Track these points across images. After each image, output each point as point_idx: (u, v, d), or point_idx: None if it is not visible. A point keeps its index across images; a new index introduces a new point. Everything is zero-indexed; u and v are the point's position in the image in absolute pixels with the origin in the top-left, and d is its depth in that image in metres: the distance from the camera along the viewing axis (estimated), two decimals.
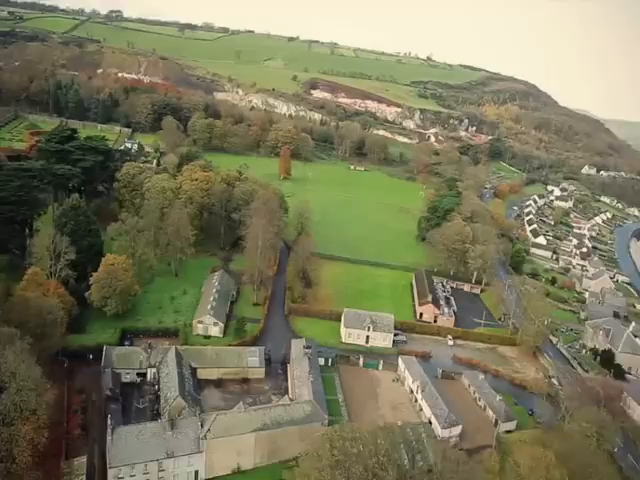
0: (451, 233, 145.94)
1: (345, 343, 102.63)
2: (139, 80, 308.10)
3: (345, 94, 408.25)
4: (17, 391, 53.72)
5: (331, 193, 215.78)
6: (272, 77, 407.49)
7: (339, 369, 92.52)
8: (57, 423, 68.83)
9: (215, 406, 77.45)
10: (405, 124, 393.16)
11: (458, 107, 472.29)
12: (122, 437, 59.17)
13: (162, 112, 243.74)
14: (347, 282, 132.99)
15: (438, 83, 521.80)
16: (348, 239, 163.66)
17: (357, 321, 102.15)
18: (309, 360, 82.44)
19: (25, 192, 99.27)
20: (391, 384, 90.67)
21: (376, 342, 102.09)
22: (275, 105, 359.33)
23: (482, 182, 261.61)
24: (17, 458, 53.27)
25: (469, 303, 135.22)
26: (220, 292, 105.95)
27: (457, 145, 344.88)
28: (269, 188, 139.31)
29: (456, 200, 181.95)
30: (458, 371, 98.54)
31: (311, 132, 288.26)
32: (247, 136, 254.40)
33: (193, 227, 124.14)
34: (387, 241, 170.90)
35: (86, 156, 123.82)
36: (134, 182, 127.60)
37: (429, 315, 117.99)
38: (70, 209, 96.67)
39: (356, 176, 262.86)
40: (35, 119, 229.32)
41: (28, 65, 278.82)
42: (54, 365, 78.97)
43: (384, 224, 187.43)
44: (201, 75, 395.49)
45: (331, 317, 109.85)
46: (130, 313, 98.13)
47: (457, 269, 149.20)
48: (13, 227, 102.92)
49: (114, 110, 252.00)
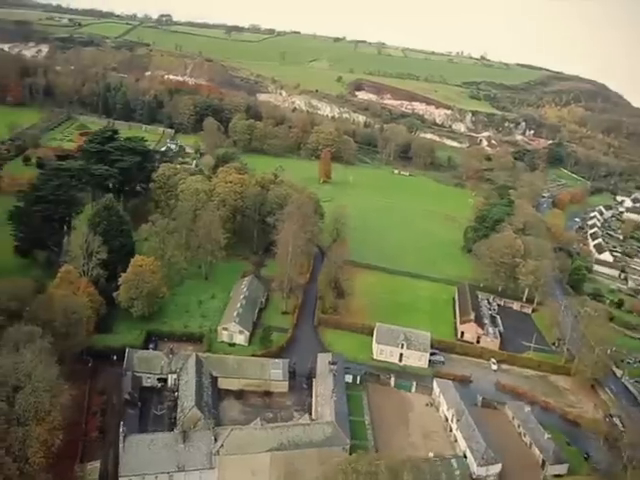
0: (500, 245, 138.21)
1: (376, 360, 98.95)
2: (184, 82, 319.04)
3: (391, 95, 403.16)
4: (31, 392, 54.95)
5: (372, 198, 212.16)
6: (316, 78, 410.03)
7: (368, 388, 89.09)
8: (75, 424, 70.40)
9: (234, 419, 76.54)
10: (455, 127, 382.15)
11: (514, 109, 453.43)
12: (134, 445, 59.22)
13: (204, 113, 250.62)
14: (383, 293, 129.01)
15: (492, 83, 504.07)
16: (387, 247, 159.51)
17: (390, 337, 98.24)
18: (334, 377, 79.77)
19: (63, 191, 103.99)
20: (424, 409, 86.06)
21: (410, 361, 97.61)
22: (318, 107, 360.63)
23: (539, 190, 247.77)
24: (30, 459, 54.34)
25: (518, 324, 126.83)
26: (248, 299, 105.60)
27: (512, 150, 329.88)
28: (304, 192, 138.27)
29: (507, 210, 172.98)
30: (501, 400, 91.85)
31: (354, 135, 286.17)
32: (288, 138, 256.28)
33: (225, 230, 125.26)
34: (429, 251, 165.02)
35: (124, 157, 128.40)
36: (169, 183, 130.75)
37: (471, 335, 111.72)
38: (103, 209, 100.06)
39: (400, 181, 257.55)
40: (85, 120, 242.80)
41: (81, 69, 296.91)
42: (78, 364, 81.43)
43: (427, 233, 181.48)
44: (245, 76, 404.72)
45: (363, 331, 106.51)
46: (157, 315, 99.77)
47: (506, 285, 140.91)
48: (52, 225, 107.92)
49: (158, 111, 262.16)
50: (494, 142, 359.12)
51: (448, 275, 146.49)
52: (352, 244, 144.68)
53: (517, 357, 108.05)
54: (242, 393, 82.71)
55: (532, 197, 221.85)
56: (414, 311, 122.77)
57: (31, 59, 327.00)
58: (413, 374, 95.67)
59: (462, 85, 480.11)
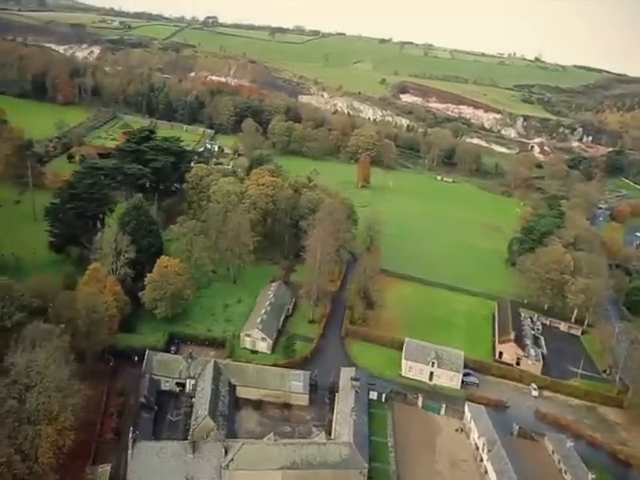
0: (547, 260, 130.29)
1: (405, 377, 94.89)
2: (225, 83, 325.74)
3: (437, 98, 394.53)
4: (41, 392, 55.63)
5: (412, 205, 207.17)
6: (359, 80, 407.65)
7: (393, 407, 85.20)
8: (91, 424, 71.10)
9: (250, 430, 75.16)
10: (504, 132, 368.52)
11: (570, 114, 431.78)
12: (142, 452, 58.82)
13: (244, 114, 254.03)
14: (417, 306, 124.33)
15: (547, 86, 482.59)
16: (425, 257, 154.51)
17: (420, 354, 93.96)
18: (356, 394, 76.73)
19: (97, 190, 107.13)
20: (453, 434, 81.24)
21: (441, 381, 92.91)
22: (360, 109, 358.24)
23: (594, 201, 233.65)
24: (39, 458, 54.94)
25: (565, 346, 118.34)
26: (274, 305, 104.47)
27: (566, 157, 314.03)
28: (337, 197, 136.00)
29: (557, 221, 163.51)
30: (540, 431, 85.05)
31: (396, 138, 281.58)
32: (327, 141, 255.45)
33: (256, 233, 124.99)
34: (470, 262, 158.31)
35: (158, 157, 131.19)
36: (202, 184, 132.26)
37: (510, 356, 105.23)
38: (132, 208, 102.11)
39: (443, 187, 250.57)
40: (129, 119, 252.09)
41: (128, 69, 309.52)
42: (99, 363, 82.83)
43: (469, 243, 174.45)
44: (288, 78, 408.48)
45: (392, 345, 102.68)
46: (181, 317, 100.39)
47: (553, 303, 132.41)
48: (85, 222, 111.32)
49: (199, 112, 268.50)
50: (547, 149, 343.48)
51: (489, 289, 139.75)
52: (388, 252, 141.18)
53: (562, 384, 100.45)
54: (261, 403, 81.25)
55: (586, 208, 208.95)
56: (449, 327, 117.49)
57: (82, 60, 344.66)
58: (443, 395, 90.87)
59: (514, 88, 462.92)
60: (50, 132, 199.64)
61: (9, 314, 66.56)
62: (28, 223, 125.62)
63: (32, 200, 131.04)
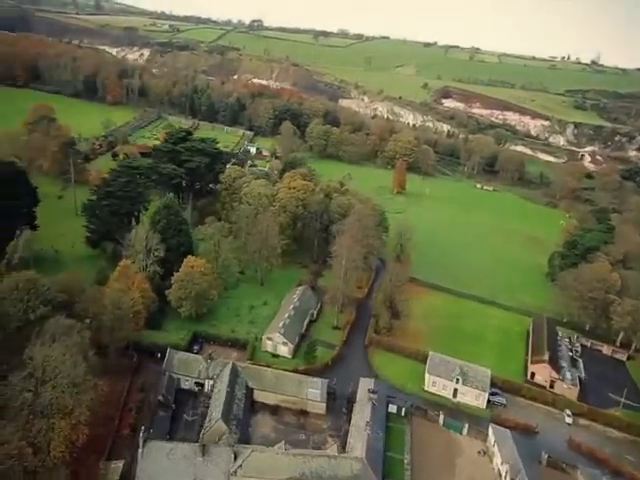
0: (590, 277, 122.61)
1: (427, 392, 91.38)
2: (266, 86, 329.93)
3: (481, 104, 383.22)
4: (54, 387, 56.86)
5: (449, 213, 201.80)
6: (401, 84, 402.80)
7: (413, 422, 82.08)
8: (110, 418, 72.58)
9: (264, 435, 74.53)
10: (552, 140, 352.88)
11: (629, 121, 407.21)
12: (153, 452, 59.22)
13: (283, 117, 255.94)
14: (446, 318, 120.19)
15: (603, 92, 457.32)
16: (458, 267, 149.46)
17: (444, 369, 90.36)
18: (373, 407, 74.47)
19: (131, 188, 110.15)
20: (475, 457, 77.25)
21: (466, 399, 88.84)
22: (400, 114, 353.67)
23: None
24: (52, 452, 56.09)
25: (607, 371, 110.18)
26: (298, 310, 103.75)
27: (620, 167, 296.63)
28: (368, 203, 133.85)
29: (605, 236, 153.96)
30: (573, 462, 78.97)
31: (435, 144, 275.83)
32: (364, 145, 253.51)
33: (285, 236, 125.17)
34: (507, 275, 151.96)
35: (193, 157, 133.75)
36: (234, 185, 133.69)
37: (544, 377, 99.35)
38: (163, 208, 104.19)
39: (483, 196, 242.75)
40: (173, 120, 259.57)
41: (174, 71, 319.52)
42: (123, 358, 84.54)
43: (507, 255, 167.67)
44: (329, 81, 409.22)
45: (417, 357, 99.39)
46: (206, 317, 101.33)
47: (595, 324, 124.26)
48: (121, 219, 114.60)
49: (240, 114, 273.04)
50: (599, 158, 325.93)
51: (525, 304, 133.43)
52: (419, 260, 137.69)
53: (600, 412, 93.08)
54: (277, 409, 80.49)
55: None
56: (479, 342, 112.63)
57: (130, 62, 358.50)
58: (467, 414, 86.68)
59: (565, 94, 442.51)
60: (97, 131, 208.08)
61: (33, 307, 68.94)
62: (69, 218, 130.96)
63: (74, 196, 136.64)
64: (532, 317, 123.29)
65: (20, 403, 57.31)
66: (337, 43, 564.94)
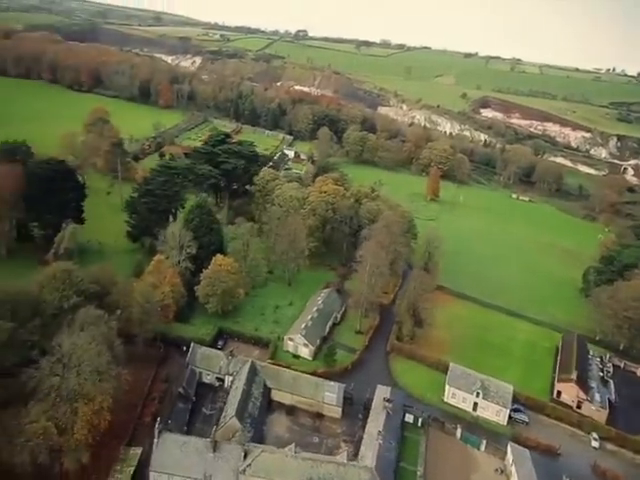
0: (626, 296, 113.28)
1: (447, 403, 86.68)
2: (307, 92, 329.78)
3: (520, 114, 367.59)
4: (78, 374, 57.17)
5: (482, 222, 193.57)
6: (440, 94, 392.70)
7: (429, 434, 77.81)
8: (133, 406, 72.83)
9: (278, 435, 72.61)
10: (593, 152, 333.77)
11: None
12: (167, 443, 58.49)
13: (321, 123, 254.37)
14: (472, 328, 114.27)
15: None
16: (488, 277, 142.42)
17: (464, 382, 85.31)
18: (387, 416, 70.88)
19: (168, 187, 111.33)
20: (492, 475, 72.11)
21: (486, 413, 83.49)
22: (438, 122, 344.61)
23: None
24: (75, 434, 56.49)
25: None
26: (321, 312, 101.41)
27: None
28: (397, 209, 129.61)
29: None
30: None
31: (471, 153, 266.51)
32: (400, 152, 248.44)
33: (314, 239, 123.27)
34: (538, 288, 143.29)
35: (230, 159, 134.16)
36: (267, 187, 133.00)
37: (570, 397, 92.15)
38: (196, 207, 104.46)
39: (518, 206, 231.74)
40: (218, 123, 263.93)
41: (222, 78, 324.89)
42: (150, 349, 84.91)
43: (540, 267, 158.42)
44: (368, 89, 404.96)
45: (438, 367, 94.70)
46: (232, 314, 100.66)
47: (630, 344, 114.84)
48: (159, 215, 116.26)
49: (281, 118, 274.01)
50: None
51: (556, 319, 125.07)
52: (449, 269, 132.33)
53: (630, 438, 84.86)
54: (294, 409, 78.42)
55: None
56: (504, 355, 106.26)
57: (182, 69, 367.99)
58: (487, 429, 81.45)
59: (609, 106, 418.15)
60: (148, 132, 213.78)
61: (67, 297, 70.20)
62: (115, 213, 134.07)
63: (120, 192, 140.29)
64: (562, 333, 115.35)
65: (48, 386, 58.31)
66: (378, 53, 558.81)
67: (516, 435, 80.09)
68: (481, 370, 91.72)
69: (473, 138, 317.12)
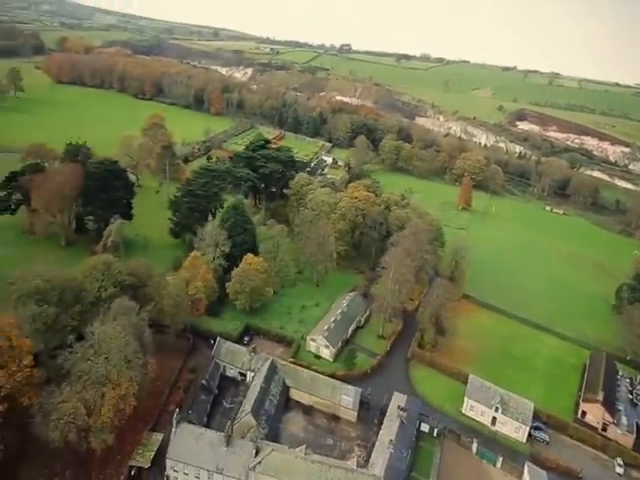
0: None
1: (465, 415, 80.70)
2: (347, 102, 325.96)
3: (557, 127, 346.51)
4: (106, 360, 56.72)
5: (513, 233, 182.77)
6: (476, 106, 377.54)
7: (444, 445, 72.43)
8: (160, 393, 72.35)
9: (294, 434, 69.76)
10: (633, 167, 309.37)
11: None
12: (183, 433, 57.02)
13: (359, 131, 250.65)
14: (496, 339, 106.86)
15: None
16: (517, 288, 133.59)
17: (483, 395, 78.98)
18: (401, 425, 66.16)
19: (208, 188, 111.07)
20: None
21: (505, 429, 76.88)
22: (473, 134, 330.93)
23: None
24: (102, 416, 56.11)
25: None
26: (345, 315, 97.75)
27: None
28: (425, 217, 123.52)
29: None
30: None
31: (506, 165, 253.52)
32: (434, 161, 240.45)
33: (344, 243, 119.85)
34: (568, 303, 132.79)
35: (267, 164, 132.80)
36: (301, 192, 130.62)
37: (596, 418, 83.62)
38: (232, 208, 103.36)
39: (551, 219, 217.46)
40: (263, 130, 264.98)
41: (269, 88, 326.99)
42: (180, 340, 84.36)
43: (571, 281, 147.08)
44: (407, 101, 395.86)
45: (458, 377, 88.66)
46: (260, 311, 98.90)
47: None
48: (199, 214, 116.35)
49: (321, 126, 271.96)
50: None
51: (585, 336, 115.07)
52: (476, 278, 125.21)
53: None
54: (311, 409, 75.35)
55: None
56: (528, 369, 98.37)
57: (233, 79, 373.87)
58: (505, 446, 74.99)
59: None
60: (199, 137, 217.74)
61: (105, 287, 70.49)
62: (161, 210, 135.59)
63: (167, 191, 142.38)
64: (590, 350, 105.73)
65: (80, 370, 58.51)
66: (418, 66, 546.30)
67: (535, 454, 73.31)
68: (503, 383, 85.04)
69: (508, 150, 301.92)
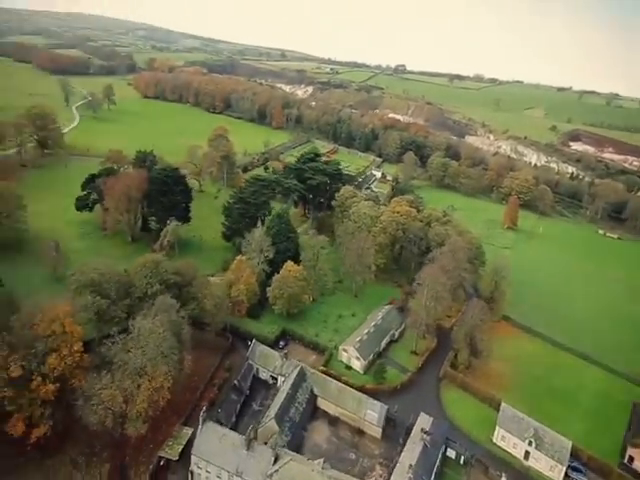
0: None
1: (495, 445, 71.42)
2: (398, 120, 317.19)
3: (614, 149, 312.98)
4: (143, 354, 55.74)
5: (561, 255, 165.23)
6: (528, 125, 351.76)
7: (470, 475, 64.06)
8: (195, 388, 70.83)
9: (317, 444, 65.10)
10: None
11: None
12: (209, 432, 54.48)
13: (408, 148, 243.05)
14: (535, 366, 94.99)
15: None
16: (560, 314, 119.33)
17: (516, 426, 69.33)
18: (424, 449, 58.99)
19: (257, 196, 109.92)
20: None
21: (539, 465, 66.82)
22: (523, 153, 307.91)
23: None
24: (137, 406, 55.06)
25: None
26: (379, 328, 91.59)
27: None
28: (465, 235, 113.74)
29: None
30: None
31: (556, 185, 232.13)
32: (481, 179, 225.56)
33: (383, 256, 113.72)
34: (617, 333, 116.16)
35: (315, 176, 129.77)
36: (346, 204, 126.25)
37: None
38: (277, 216, 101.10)
39: (604, 243, 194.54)
40: (318, 144, 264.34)
41: (326, 104, 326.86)
42: (220, 339, 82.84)
43: (622, 311, 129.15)
44: (457, 119, 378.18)
45: (491, 403, 79.18)
46: (297, 317, 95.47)
47: None
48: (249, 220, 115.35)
49: (373, 142, 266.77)
50: None
51: (636, 371, 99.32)
52: (517, 299, 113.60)
53: None
54: (337, 421, 70.28)
55: None
56: (569, 403, 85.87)
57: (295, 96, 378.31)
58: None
59: None
60: (259, 148, 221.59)
61: (152, 284, 70.28)
62: (217, 214, 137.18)
63: (224, 197, 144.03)
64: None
65: (120, 360, 57.99)
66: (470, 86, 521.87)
67: None
68: (539, 415, 74.54)
69: (559, 170, 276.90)
